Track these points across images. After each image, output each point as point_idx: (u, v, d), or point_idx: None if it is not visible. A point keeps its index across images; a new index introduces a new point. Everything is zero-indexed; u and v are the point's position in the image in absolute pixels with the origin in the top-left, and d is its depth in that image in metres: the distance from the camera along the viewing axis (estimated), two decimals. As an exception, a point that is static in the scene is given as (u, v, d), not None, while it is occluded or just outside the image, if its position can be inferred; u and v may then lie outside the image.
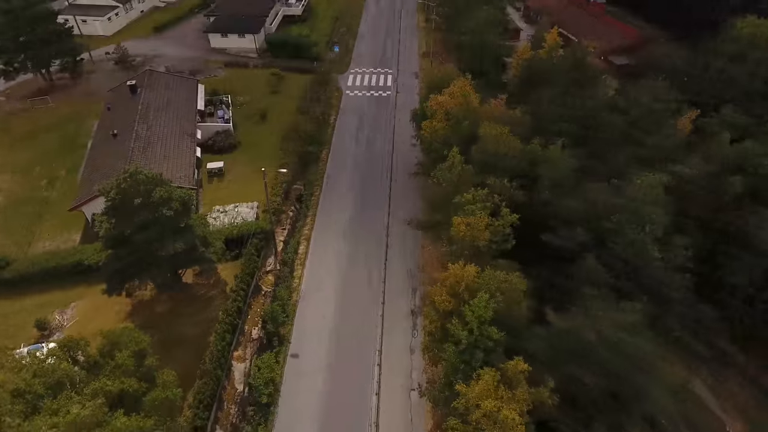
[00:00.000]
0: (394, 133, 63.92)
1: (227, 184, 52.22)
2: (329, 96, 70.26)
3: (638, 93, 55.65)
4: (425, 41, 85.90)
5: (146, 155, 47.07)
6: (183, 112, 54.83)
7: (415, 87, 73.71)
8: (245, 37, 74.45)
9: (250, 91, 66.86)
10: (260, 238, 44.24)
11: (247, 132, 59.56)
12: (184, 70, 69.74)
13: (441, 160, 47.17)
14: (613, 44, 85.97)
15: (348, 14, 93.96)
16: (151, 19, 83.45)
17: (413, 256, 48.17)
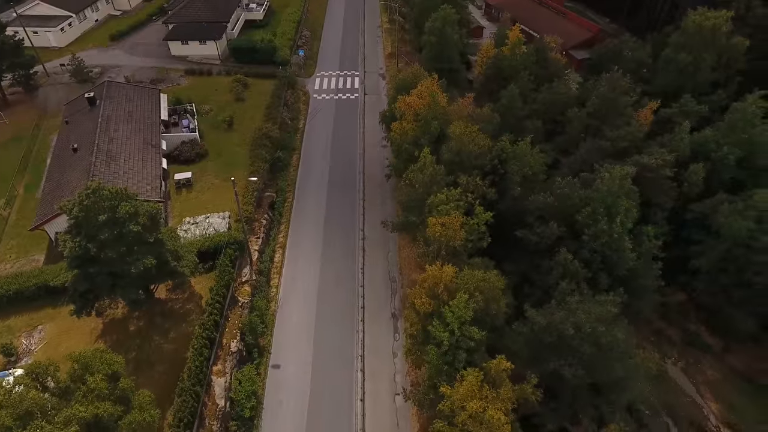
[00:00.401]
0: (365, 135, 63.69)
1: (196, 194, 50.96)
2: (297, 100, 69.52)
3: (600, 86, 56.95)
4: (390, 42, 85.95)
5: (109, 169, 45.49)
6: (146, 123, 53.23)
7: (382, 88, 73.66)
8: (207, 43, 72.91)
9: (215, 99, 65.49)
10: (234, 249, 43.30)
11: (214, 141, 58.28)
12: (144, 80, 67.79)
13: (412, 161, 47.22)
14: (574, 39, 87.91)
15: (311, 17, 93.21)
16: (107, 28, 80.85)
17: (390, 259, 48.04)
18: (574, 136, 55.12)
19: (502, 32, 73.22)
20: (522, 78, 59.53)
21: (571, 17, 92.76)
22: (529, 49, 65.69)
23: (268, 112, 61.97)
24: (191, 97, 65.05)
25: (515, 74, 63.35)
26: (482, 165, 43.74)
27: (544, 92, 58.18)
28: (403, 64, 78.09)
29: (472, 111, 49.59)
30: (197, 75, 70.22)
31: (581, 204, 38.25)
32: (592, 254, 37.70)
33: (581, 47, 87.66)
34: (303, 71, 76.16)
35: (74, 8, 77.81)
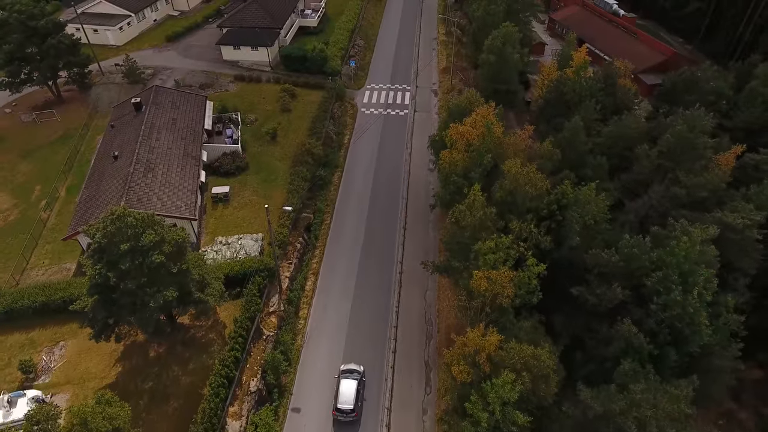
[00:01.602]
0: (411, 156, 60.17)
1: (232, 210, 48.95)
2: (343, 113, 66.81)
3: (675, 121, 51.14)
4: (445, 55, 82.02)
5: (146, 181, 44.00)
6: (189, 133, 51.74)
7: (433, 105, 69.90)
8: (258, 49, 71.34)
9: (261, 108, 63.65)
10: (264, 276, 40.82)
11: (256, 153, 56.30)
12: (194, 84, 66.84)
13: (459, 194, 43.42)
14: (645, 62, 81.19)
15: (366, 25, 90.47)
16: (164, 29, 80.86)
17: (428, 298, 44.37)
18: (642, 177, 49.62)
19: (566, 52, 68.03)
20: (587, 107, 54.38)
21: (643, 38, 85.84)
22: (596, 73, 60.33)
23: (313, 126, 59.49)
24: (237, 104, 63.51)
25: (579, 101, 58.31)
26: (538, 208, 39.39)
27: (611, 125, 52.81)
28: (458, 80, 74.10)
29: (530, 145, 45.14)
30: (246, 81, 68.69)
31: (651, 267, 33.33)
32: (660, 325, 32.78)
33: (652, 71, 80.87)
34: (353, 82, 73.42)
35: (134, 8, 78.13)
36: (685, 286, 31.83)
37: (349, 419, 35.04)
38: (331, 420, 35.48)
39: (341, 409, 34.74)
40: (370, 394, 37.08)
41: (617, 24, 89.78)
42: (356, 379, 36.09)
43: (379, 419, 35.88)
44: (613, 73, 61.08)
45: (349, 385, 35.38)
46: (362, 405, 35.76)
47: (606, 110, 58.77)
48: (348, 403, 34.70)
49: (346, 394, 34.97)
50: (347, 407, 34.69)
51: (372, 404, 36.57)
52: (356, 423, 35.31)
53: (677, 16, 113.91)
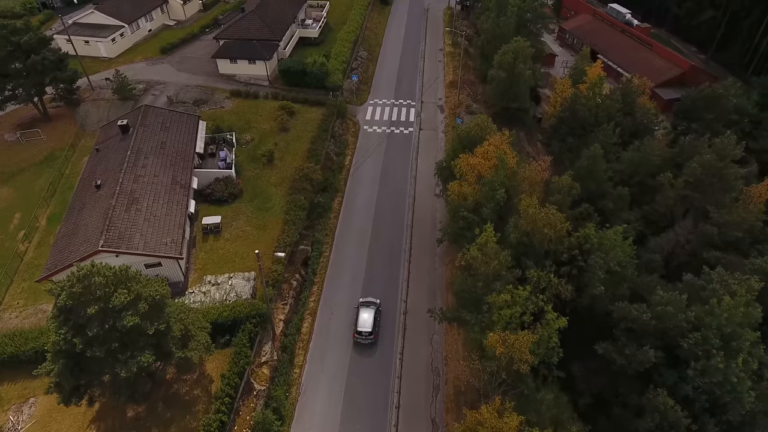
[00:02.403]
0: (416, 180, 56.41)
1: (224, 243, 45.31)
2: (345, 132, 63.12)
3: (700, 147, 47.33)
4: (452, 68, 78.19)
5: (129, 215, 40.40)
6: (178, 158, 48.13)
7: (439, 122, 66.11)
8: (256, 63, 67.71)
9: (258, 127, 60.00)
10: (255, 323, 37.17)
11: (251, 178, 52.65)
12: (187, 101, 63.25)
13: (469, 230, 39.76)
14: (661, 76, 77.20)
15: (369, 35, 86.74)
16: (159, 40, 77.33)
17: (435, 343, 40.61)
18: (666, 208, 45.80)
19: (580, 67, 64.21)
20: (606, 131, 50.53)
21: (658, 49, 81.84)
22: (614, 92, 56.39)
23: (312, 147, 55.81)
24: (233, 122, 59.90)
25: (596, 123, 54.51)
26: (557, 251, 35.64)
27: (632, 151, 48.95)
28: (465, 96, 70.32)
29: (547, 177, 41.36)
30: (243, 97, 65.04)
31: (688, 327, 29.52)
32: (697, 391, 29.01)
33: (669, 86, 76.88)
34: (355, 97, 69.71)
35: (128, 18, 74.63)
36: (727, 350, 28.03)
37: (368, 341, 39.69)
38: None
39: (361, 332, 39.37)
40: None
41: (631, 35, 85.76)
42: (374, 308, 40.69)
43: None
44: (632, 91, 57.18)
45: (367, 313, 40.04)
46: (379, 330, 40.59)
47: (624, 131, 54.98)
48: (366, 327, 39.41)
49: (365, 319, 39.71)
50: (366, 330, 39.35)
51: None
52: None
53: (690, 24, 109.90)
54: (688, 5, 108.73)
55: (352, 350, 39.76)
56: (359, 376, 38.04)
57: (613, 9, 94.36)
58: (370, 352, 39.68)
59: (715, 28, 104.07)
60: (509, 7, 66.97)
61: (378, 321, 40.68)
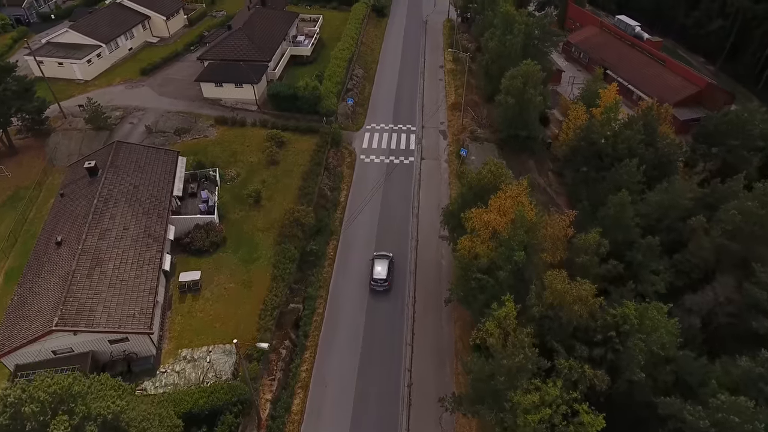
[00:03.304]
0: (419, 218, 51.02)
1: (204, 304, 39.79)
2: (340, 162, 57.61)
3: (734, 189, 42.25)
4: (453, 87, 72.80)
5: (92, 281, 34.85)
6: (153, 205, 42.54)
7: (442, 150, 60.68)
8: (243, 87, 62.10)
9: (244, 160, 54.45)
10: (236, 413, 31.68)
11: (236, 221, 47.15)
12: (167, 130, 57.62)
13: (482, 292, 34.51)
14: (677, 94, 72.01)
15: (365, 50, 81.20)
16: (140, 60, 71.59)
17: (445, 424, 35.20)
18: (700, 259, 40.55)
19: (592, 89, 59.07)
20: (629, 168, 45.30)
21: (671, 65, 76.58)
22: (635, 122, 51.00)
23: (304, 184, 50.38)
24: (217, 155, 54.42)
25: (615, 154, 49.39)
26: (588, 327, 30.34)
27: (658, 192, 43.64)
28: (469, 119, 64.92)
29: (570, 234, 36.02)
30: (228, 125, 59.44)
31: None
32: None
33: (685, 105, 71.71)
34: (351, 122, 64.22)
35: (105, 37, 68.86)
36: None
37: (383, 288, 43.04)
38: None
39: (376, 279, 42.64)
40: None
41: (641, 49, 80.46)
42: (387, 259, 43.92)
43: None
44: (653, 119, 51.95)
45: (382, 263, 43.41)
46: (393, 279, 43.68)
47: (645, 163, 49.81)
48: (382, 274, 42.71)
49: (380, 268, 43.06)
50: (381, 277, 42.63)
51: None
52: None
53: (698, 34, 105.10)
54: (696, 14, 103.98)
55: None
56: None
57: (621, 21, 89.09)
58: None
59: (724, 38, 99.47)
60: (516, 24, 61.61)
61: (392, 270, 43.85)
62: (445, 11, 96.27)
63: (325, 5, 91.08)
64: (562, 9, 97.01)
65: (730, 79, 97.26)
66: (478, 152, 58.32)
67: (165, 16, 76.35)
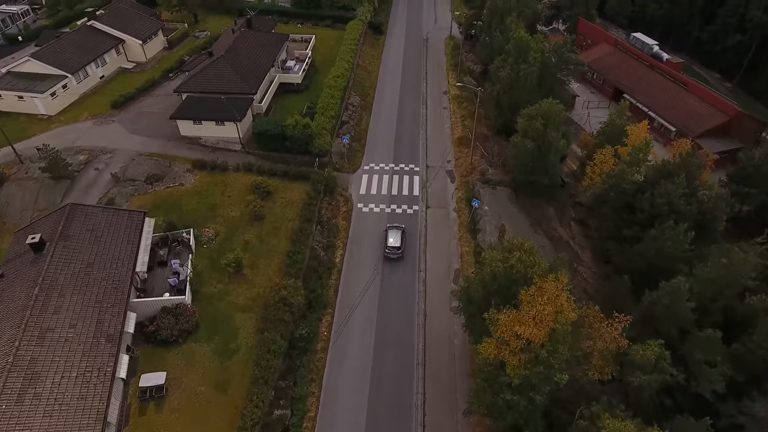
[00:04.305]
0: (426, 285, 43.55)
1: (169, 416, 32.23)
2: (335, 213, 50.05)
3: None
4: (459, 116, 65.34)
5: (21, 407, 27.24)
6: (110, 288, 34.87)
7: (450, 195, 53.21)
8: (225, 124, 54.40)
9: (225, 215, 46.86)
10: None
11: (212, 297, 39.61)
12: (138, 178, 49.91)
13: (510, 411, 27.21)
14: (703, 123, 64.84)
15: (362, 73, 73.58)
16: (112, 90, 63.72)
17: None
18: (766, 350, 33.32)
19: (618, 125, 51.92)
20: (674, 237, 38.04)
21: (694, 89, 69.33)
22: (675, 171, 43.62)
23: (293, 250, 42.77)
24: (193, 209, 46.88)
25: (652, 211, 42.15)
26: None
27: (712, 265, 36.23)
28: (479, 157, 57.42)
29: (624, 346, 28.63)
30: (208, 170, 51.78)
31: None
32: None
33: (712, 135, 64.59)
34: (347, 162, 56.66)
35: (72, 66, 60.91)
36: None
37: (397, 255, 44.51)
38: None
39: (391, 246, 44.23)
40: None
41: (661, 71, 73.16)
42: (400, 230, 45.57)
43: None
44: (694, 167, 44.67)
45: (395, 233, 45.08)
46: (405, 248, 45.19)
47: (686, 219, 42.58)
48: (396, 243, 44.27)
49: (394, 237, 44.66)
50: (395, 245, 44.19)
51: None
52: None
53: (713, 49, 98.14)
54: (711, 29, 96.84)
55: None
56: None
57: (637, 40, 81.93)
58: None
59: (742, 54, 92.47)
60: (531, 53, 54.13)
61: (404, 239, 45.64)
62: (447, 27, 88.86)
63: (318, 23, 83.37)
64: (571, 25, 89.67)
65: (748, 96, 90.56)
66: (492, 200, 50.87)
67: (141, 40, 68.41)
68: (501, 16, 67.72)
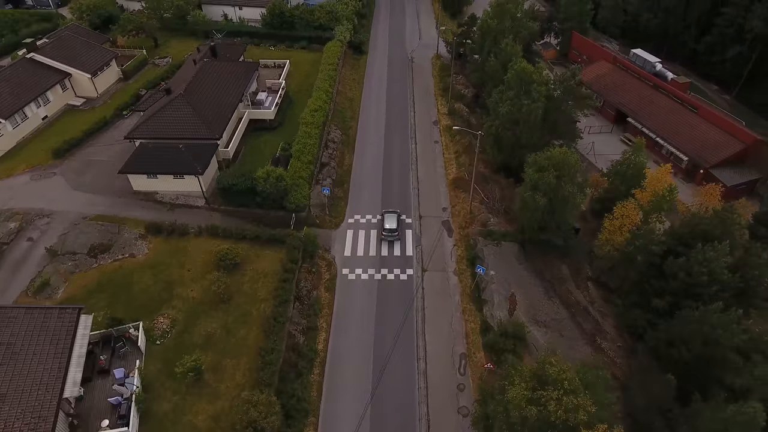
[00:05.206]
0: (427, 376, 35.94)
1: None
2: (316, 284, 42.14)
3: None
4: (453, 151, 57.91)
5: None
6: (25, 428, 26.45)
7: (448, 253, 45.67)
8: (185, 177, 46.07)
9: (184, 295, 38.67)
10: None
11: (164, 419, 31.43)
12: (79, 251, 41.32)
13: None
14: (718, 152, 58.44)
15: (342, 102, 65.62)
16: (56, 133, 54.71)
17: None
18: None
19: (637, 163, 45.43)
20: (724, 320, 31.08)
21: (705, 113, 62.73)
22: (719, 244, 36.34)
23: (266, 346, 34.73)
24: (145, 287, 38.73)
25: (688, 281, 35.29)
26: None
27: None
28: (478, 203, 50.03)
29: None
30: (164, 234, 43.47)
31: None
32: None
33: (729, 165, 58.25)
34: (328, 214, 48.76)
35: (6, 110, 51.88)
36: None
37: (393, 237, 45.76)
38: None
39: (387, 229, 45.67)
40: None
41: (666, 92, 66.59)
42: (396, 215, 47.07)
43: None
44: (733, 226, 37.82)
45: (392, 217, 46.66)
46: (402, 230, 46.69)
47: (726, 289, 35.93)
48: (392, 225, 45.78)
49: (390, 221, 46.13)
50: (392, 227, 45.63)
51: None
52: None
53: (710, 60, 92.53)
54: (708, 39, 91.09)
55: None
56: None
57: (638, 57, 75.30)
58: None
59: (741, 65, 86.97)
60: (534, 85, 46.85)
61: (400, 223, 46.77)
62: (433, 44, 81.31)
63: (292, 45, 74.93)
64: (564, 39, 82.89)
65: (747, 110, 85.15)
66: (497, 259, 43.51)
67: (90, 73, 59.27)
68: (494, 38, 60.40)
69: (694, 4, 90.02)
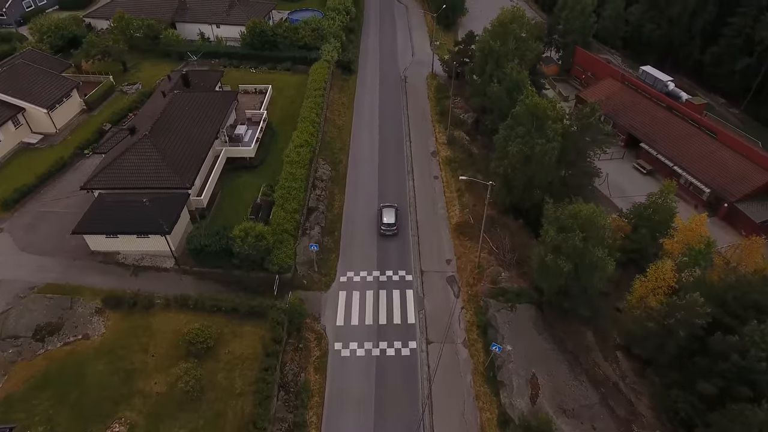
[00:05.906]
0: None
1: None
2: (304, 365, 35.66)
3: None
4: (455, 192, 51.59)
5: None
6: None
7: (456, 320, 39.31)
8: (150, 237, 39.29)
9: (147, 391, 32.08)
10: None
11: None
12: (22, 334, 34.44)
13: None
14: (743, 184, 52.77)
15: (332, 131, 59.02)
16: (9, 176, 47.64)
17: None
18: None
19: (666, 209, 39.69)
20: None
21: (726, 138, 57.04)
22: (751, 295, 30.67)
23: (242, 456, 28.23)
24: (100, 379, 32.46)
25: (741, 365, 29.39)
26: None
27: None
28: (487, 253, 43.81)
29: None
30: (125, 308, 36.75)
31: None
32: None
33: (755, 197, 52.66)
34: (317, 272, 42.28)
35: (-56, 155, 44.54)
36: None
37: (392, 232, 44.75)
38: None
39: (386, 223, 44.71)
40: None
41: (681, 114, 60.86)
42: (394, 209, 46.21)
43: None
44: None
45: (390, 211, 45.76)
46: (400, 225, 45.43)
47: None
48: (390, 220, 44.90)
49: (388, 215, 45.26)
50: (390, 221, 44.79)
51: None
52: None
53: (717, 72, 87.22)
54: (714, 50, 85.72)
55: None
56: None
57: (648, 74, 69.40)
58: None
59: (750, 77, 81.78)
60: (549, 122, 40.71)
61: (398, 218, 45.59)
62: (427, 61, 74.85)
63: (275, 66, 67.98)
64: (567, 54, 76.89)
65: (758, 125, 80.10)
66: (512, 328, 37.31)
67: (47, 108, 52.04)
68: (497, 61, 54.09)
69: (699, 14, 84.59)
